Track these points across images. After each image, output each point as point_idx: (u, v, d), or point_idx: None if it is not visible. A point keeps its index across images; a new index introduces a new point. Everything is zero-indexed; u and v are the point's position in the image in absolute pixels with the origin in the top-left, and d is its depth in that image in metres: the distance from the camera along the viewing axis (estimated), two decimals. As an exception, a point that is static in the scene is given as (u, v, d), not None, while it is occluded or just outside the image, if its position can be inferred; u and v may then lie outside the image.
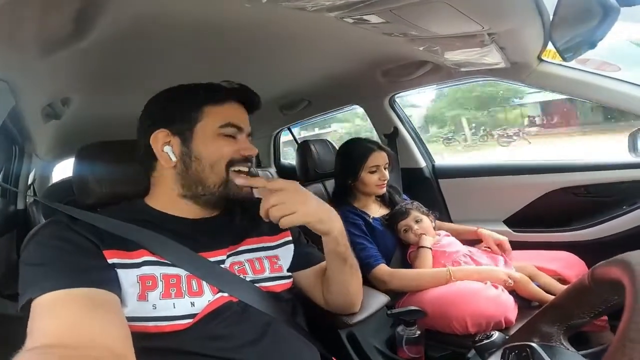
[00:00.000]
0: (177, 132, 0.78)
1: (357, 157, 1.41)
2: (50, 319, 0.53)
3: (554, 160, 1.65)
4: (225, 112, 0.79)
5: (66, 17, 0.69)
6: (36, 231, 0.71)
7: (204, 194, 0.78)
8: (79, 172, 0.84)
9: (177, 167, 0.77)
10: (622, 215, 1.36)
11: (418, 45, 1.08)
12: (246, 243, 0.81)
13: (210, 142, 0.77)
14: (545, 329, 0.44)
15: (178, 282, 0.68)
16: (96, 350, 0.50)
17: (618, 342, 0.27)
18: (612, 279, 0.34)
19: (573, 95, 1.32)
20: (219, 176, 0.77)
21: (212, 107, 0.78)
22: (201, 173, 0.76)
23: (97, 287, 0.59)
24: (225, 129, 0.78)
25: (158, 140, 0.78)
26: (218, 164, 0.77)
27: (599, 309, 0.39)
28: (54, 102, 1.20)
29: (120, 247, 0.67)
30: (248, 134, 0.83)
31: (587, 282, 0.38)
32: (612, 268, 0.35)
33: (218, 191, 0.77)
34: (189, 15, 0.83)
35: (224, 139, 0.78)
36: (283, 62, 1.34)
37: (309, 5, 0.74)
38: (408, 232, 1.35)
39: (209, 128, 0.77)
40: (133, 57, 1.01)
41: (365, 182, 1.39)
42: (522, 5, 0.80)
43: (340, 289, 0.86)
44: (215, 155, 0.77)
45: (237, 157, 0.78)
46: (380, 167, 1.40)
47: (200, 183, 0.77)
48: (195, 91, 0.81)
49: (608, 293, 0.37)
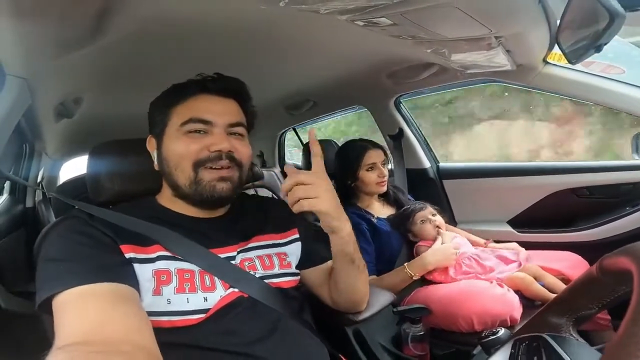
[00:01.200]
0: (155, 137, 0.80)
1: (353, 157, 1.43)
2: (77, 316, 0.54)
3: (558, 161, 1.66)
4: (188, 108, 0.76)
5: (88, 15, 0.71)
6: (54, 226, 0.72)
7: (184, 194, 0.77)
8: (93, 170, 0.85)
9: (160, 170, 0.80)
10: (625, 217, 1.37)
11: (425, 47, 1.09)
12: (256, 240, 0.82)
13: (173, 142, 0.75)
14: (555, 320, 0.44)
15: (192, 277, 0.69)
16: (126, 345, 0.51)
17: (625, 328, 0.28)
18: (621, 269, 0.34)
19: (578, 98, 1.33)
20: (185, 175, 0.75)
21: (177, 106, 0.77)
22: (171, 175, 0.76)
23: (120, 282, 0.60)
24: (188, 125, 0.75)
25: (150, 145, 0.81)
26: (181, 164, 0.75)
27: (607, 299, 0.39)
28: (67, 101, 1.22)
29: (136, 242, 0.68)
30: (232, 125, 0.78)
31: (596, 273, 0.39)
32: (620, 258, 0.35)
33: (191, 191, 0.75)
34: (201, 16, 0.84)
35: (189, 136, 0.75)
36: (290, 63, 1.36)
37: (321, 9, 0.75)
38: (425, 222, 1.35)
39: (173, 128, 0.76)
40: (145, 56, 1.03)
41: (365, 181, 1.41)
42: (529, 9, 0.82)
43: (347, 289, 0.86)
44: (178, 154, 0.75)
45: (204, 154, 0.74)
46: (377, 164, 1.41)
47: (175, 184, 0.77)
48: (167, 93, 0.80)
49: (616, 283, 0.37)
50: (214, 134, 0.76)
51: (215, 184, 0.75)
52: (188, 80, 0.80)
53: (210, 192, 0.75)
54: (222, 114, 0.77)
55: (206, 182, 0.74)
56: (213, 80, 0.79)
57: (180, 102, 0.77)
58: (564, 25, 0.78)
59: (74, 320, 0.53)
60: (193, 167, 0.74)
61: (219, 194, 0.75)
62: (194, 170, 0.74)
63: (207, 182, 0.74)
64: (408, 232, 1.39)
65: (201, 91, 0.78)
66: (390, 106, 1.87)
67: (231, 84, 0.81)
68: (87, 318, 0.54)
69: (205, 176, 0.74)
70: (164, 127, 0.78)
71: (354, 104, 2.12)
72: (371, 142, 1.47)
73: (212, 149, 0.74)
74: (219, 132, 0.76)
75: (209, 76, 0.80)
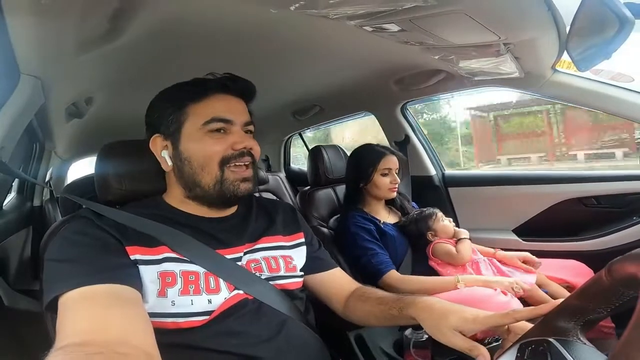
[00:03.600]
0: (168, 136, 0.77)
1: (369, 160, 1.43)
2: (78, 316, 0.54)
3: (565, 170, 1.65)
4: (209, 107, 0.76)
5: (103, 16, 0.72)
6: (59, 226, 0.71)
7: (203, 195, 0.76)
8: (101, 170, 0.86)
9: (174, 170, 0.78)
10: (632, 226, 1.35)
11: (433, 54, 1.10)
12: (263, 241, 0.81)
13: (196, 141, 0.75)
14: (562, 324, 0.44)
15: (196, 279, 0.69)
16: (125, 347, 0.50)
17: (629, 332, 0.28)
18: (629, 273, 0.35)
19: (586, 106, 1.33)
20: (211, 176, 0.75)
21: (195, 105, 0.76)
22: (194, 175, 0.75)
23: (122, 283, 0.60)
24: (211, 124, 0.74)
25: (156, 145, 0.79)
26: (209, 164, 0.74)
27: (615, 303, 0.39)
28: (79, 101, 1.24)
29: (142, 243, 0.68)
30: (246, 124, 0.79)
31: (604, 278, 0.39)
32: (628, 263, 0.35)
33: (215, 191, 0.75)
34: (213, 20, 0.85)
35: (212, 135, 0.75)
36: (298, 68, 1.37)
37: (332, 13, 0.76)
38: (446, 221, 1.40)
39: (193, 127, 0.75)
40: (156, 57, 1.04)
41: (378, 185, 1.41)
42: (538, 16, 0.82)
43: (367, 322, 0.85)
44: (204, 155, 0.74)
45: (229, 153, 0.75)
46: (392, 170, 1.42)
47: (196, 185, 0.76)
48: (179, 91, 0.79)
49: (624, 288, 0.37)
50: (234, 133, 0.76)
51: (240, 184, 0.76)
52: (201, 78, 0.79)
53: (234, 192, 0.76)
54: (239, 113, 0.78)
55: (231, 182, 0.75)
56: (233, 81, 0.79)
57: (198, 100, 0.76)
58: (573, 32, 0.78)
59: (75, 321, 0.53)
60: (219, 166, 0.74)
61: (242, 193, 0.77)
62: (220, 169, 0.75)
63: (231, 182, 0.75)
64: (429, 230, 1.40)
65: (221, 90, 0.78)
66: (397, 113, 1.88)
67: (247, 85, 0.81)
68: (88, 319, 0.53)
69: (230, 176, 0.75)
70: (179, 126, 0.76)
71: (360, 110, 2.13)
72: (388, 149, 1.49)
73: (237, 147, 0.75)
74: (238, 131, 0.77)
75: (225, 75, 0.80)
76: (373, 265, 1.26)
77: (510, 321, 0.57)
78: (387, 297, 0.79)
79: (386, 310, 0.76)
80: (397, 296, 0.77)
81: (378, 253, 1.29)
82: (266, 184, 2.52)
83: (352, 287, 0.90)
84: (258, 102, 1.98)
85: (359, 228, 1.34)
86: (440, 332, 0.61)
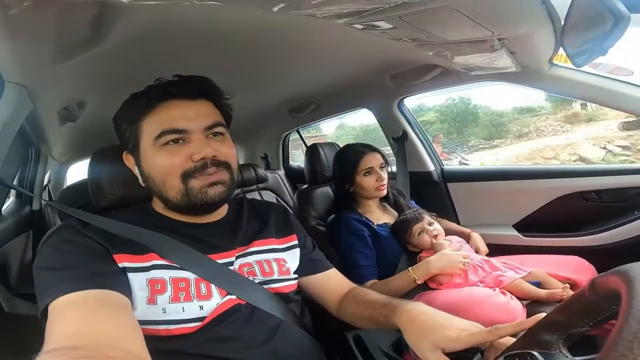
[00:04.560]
0: (131, 153, 0.76)
1: (349, 162, 1.42)
2: (66, 321, 0.54)
3: (565, 164, 1.63)
4: (159, 119, 0.71)
5: (83, 23, 0.70)
6: (48, 236, 0.71)
7: (175, 207, 0.74)
8: (94, 175, 0.85)
9: (146, 187, 0.76)
10: (633, 221, 1.33)
11: (427, 50, 1.08)
12: (255, 245, 0.80)
13: (153, 158, 0.71)
14: (546, 337, 0.44)
15: (187, 285, 0.68)
16: (114, 351, 0.50)
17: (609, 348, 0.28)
18: (611, 288, 0.35)
19: (585, 100, 1.31)
20: (175, 190, 0.71)
21: (146, 119, 0.71)
22: (160, 192, 0.73)
23: (111, 289, 0.60)
24: (162, 138, 0.70)
25: (128, 161, 0.78)
26: (169, 180, 0.71)
27: (598, 318, 0.40)
28: (70, 105, 1.23)
29: (130, 251, 0.67)
30: (210, 127, 0.73)
31: (587, 292, 0.39)
32: (611, 278, 0.35)
33: (184, 202, 0.72)
34: (201, 21, 0.84)
35: (167, 149, 0.70)
36: (292, 66, 1.35)
37: (318, 13, 0.74)
38: (422, 234, 1.33)
39: (148, 143, 0.71)
40: (147, 60, 1.03)
41: (363, 185, 1.40)
42: (532, 10, 0.80)
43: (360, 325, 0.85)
44: (162, 172, 0.71)
45: (190, 166, 0.70)
46: (374, 168, 1.40)
47: (164, 199, 0.74)
48: (130, 105, 0.74)
49: (606, 303, 0.37)
50: (193, 141, 0.71)
51: (207, 190, 0.72)
52: (147, 88, 0.74)
53: (203, 199, 0.72)
54: (196, 119, 0.72)
55: (197, 191, 0.71)
56: (175, 84, 0.73)
57: (146, 113, 0.72)
58: (568, 28, 0.76)
59: (63, 326, 0.53)
60: (181, 179, 0.71)
61: (213, 198, 0.72)
62: (183, 182, 0.71)
63: (198, 190, 0.71)
64: (408, 244, 1.36)
65: (166, 98, 0.72)
66: (394, 108, 1.86)
67: (197, 85, 0.74)
68: (76, 323, 0.53)
69: (196, 185, 0.71)
70: (137, 143, 0.73)
71: (357, 106, 2.11)
72: (368, 147, 1.46)
73: (195, 158, 0.70)
74: (198, 138, 0.71)
75: (170, 80, 0.74)
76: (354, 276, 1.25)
77: (494, 338, 0.56)
78: (376, 301, 0.78)
79: (375, 315, 0.75)
80: (385, 301, 0.76)
81: (362, 266, 1.29)
82: (265, 182, 2.52)
83: (346, 289, 0.90)
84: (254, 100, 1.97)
85: (351, 235, 1.34)
86: (420, 347, 0.60)
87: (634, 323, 0.28)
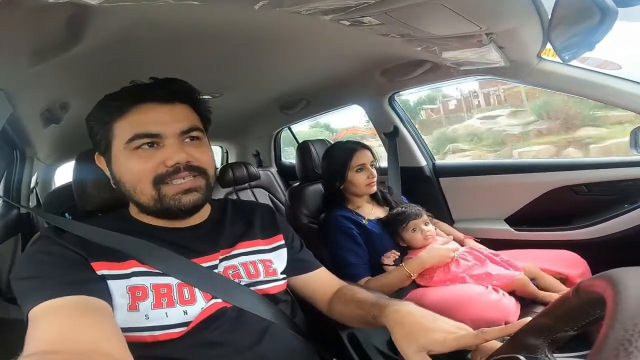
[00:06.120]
0: (103, 155, 0.74)
1: (341, 159, 1.42)
2: (46, 327, 0.53)
3: (555, 158, 1.64)
4: (131, 122, 0.68)
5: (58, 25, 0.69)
6: (28, 247, 0.69)
7: (149, 212, 0.72)
8: (79, 177, 0.83)
9: (117, 189, 0.74)
10: (623, 214, 1.34)
11: (415, 45, 1.07)
12: (239, 247, 0.78)
13: (124, 162, 0.69)
14: (532, 341, 0.44)
15: (169, 291, 0.66)
16: (95, 355, 0.49)
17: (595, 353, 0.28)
18: (596, 292, 0.35)
19: (573, 94, 1.30)
20: (147, 196, 0.69)
21: (118, 121, 0.69)
22: (131, 196, 0.71)
23: (91, 295, 0.58)
24: (134, 142, 0.67)
25: (100, 163, 0.75)
26: (140, 185, 0.69)
27: (582, 322, 0.40)
28: (53, 107, 1.20)
29: (109, 259, 0.65)
30: (185, 132, 0.70)
31: (572, 296, 0.39)
32: (596, 282, 0.35)
33: (157, 208, 0.70)
34: (185, 20, 0.82)
35: (139, 154, 0.68)
36: (281, 64, 1.34)
37: (303, 10, 0.73)
38: (416, 232, 1.32)
39: (119, 146, 0.69)
40: (131, 60, 1.01)
41: (354, 182, 1.40)
42: (519, 5, 0.80)
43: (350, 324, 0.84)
44: (133, 177, 0.69)
45: (162, 171, 0.68)
46: (365, 165, 1.40)
47: (136, 204, 0.72)
48: (103, 106, 0.72)
49: (591, 307, 0.37)
50: (167, 146, 0.68)
51: (181, 197, 0.69)
52: (121, 90, 0.71)
53: (176, 206, 0.69)
54: (170, 123, 0.69)
55: (170, 197, 0.69)
56: (150, 87, 0.70)
57: (120, 115, 0.69)
58: (555, 22, 0.75)
59: (42, 331, 0.52)
60: (153, 185, 0.68)
61: (187, 206, 0.70)
62: (155, 188, 0.69)
63: (171, 197, 0.69)
64: (398, 236, 1.36)
65: (140, 101, 0.69)
66: (385, 104, 1.85)
67: (172, 88, 0.72)
68: (55, 329, 0.52)
69: (168, 191, 0.69)
70: (108, 145, 0.71)
71: (347, 103, 2.09)
72: (359, 144, 1.46)
73: (169, 163, 0.68)
74: (172, 143, 0.69)
75: (145, 83, 0.71)
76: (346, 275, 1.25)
77: (481, 342, 0.56)
78: (365, 300, 0.77)
79: (364, 315, 0.74)
80: (373, 300, 0.75)
81: (353, 264, 1.29)
82: (258, 180, 2.51)
83: (335, 287, 0.89)
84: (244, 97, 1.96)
85: (340, 233, 1.33)
86: (405, 348, 0.59)
87: (619, 328, 0.28)
